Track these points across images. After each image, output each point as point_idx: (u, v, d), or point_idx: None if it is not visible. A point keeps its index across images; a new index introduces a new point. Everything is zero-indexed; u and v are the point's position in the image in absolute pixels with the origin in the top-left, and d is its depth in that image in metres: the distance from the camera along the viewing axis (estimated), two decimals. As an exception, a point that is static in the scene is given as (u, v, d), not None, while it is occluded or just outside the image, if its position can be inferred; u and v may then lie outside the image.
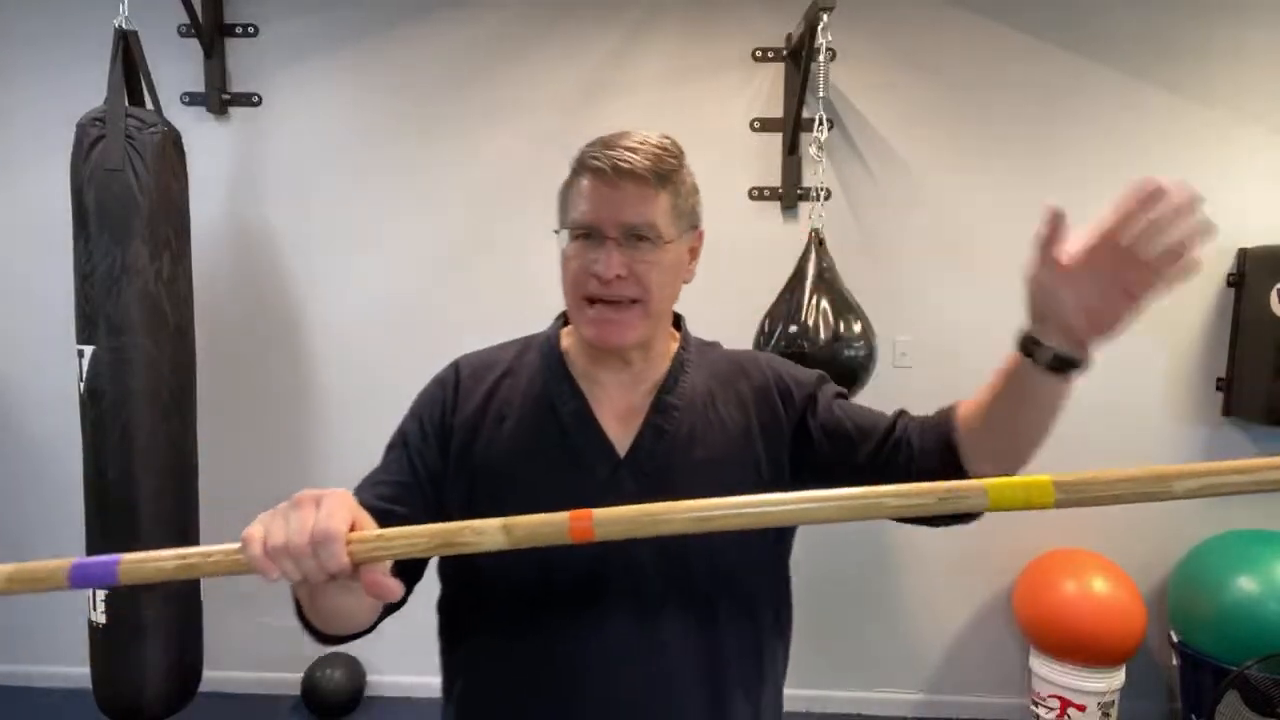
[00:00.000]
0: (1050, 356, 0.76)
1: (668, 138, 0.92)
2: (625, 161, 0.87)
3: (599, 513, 0.68)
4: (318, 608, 0.78)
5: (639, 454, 0.92)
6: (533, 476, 0.91)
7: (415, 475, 0.92)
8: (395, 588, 0.70)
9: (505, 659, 0.91)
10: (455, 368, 0.99)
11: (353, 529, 0.68)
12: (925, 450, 0.88)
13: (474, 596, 0.94)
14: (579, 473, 0.91)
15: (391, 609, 0.86)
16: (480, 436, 0.93)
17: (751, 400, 0.96)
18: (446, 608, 1.00)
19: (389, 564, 0.71)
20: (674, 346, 0.99)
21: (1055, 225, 0.74)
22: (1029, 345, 0.77)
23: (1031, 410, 0.80)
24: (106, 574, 0.70)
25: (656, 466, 0.91)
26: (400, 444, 0.95)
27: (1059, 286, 0.73)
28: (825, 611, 2.77)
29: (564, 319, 1.00)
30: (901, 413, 0.94)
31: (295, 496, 0.69)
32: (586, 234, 0.89)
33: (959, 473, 0.83)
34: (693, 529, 0.69)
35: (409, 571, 0.85)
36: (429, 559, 0.83)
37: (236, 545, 0.68)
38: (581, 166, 0.91)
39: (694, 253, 0.98)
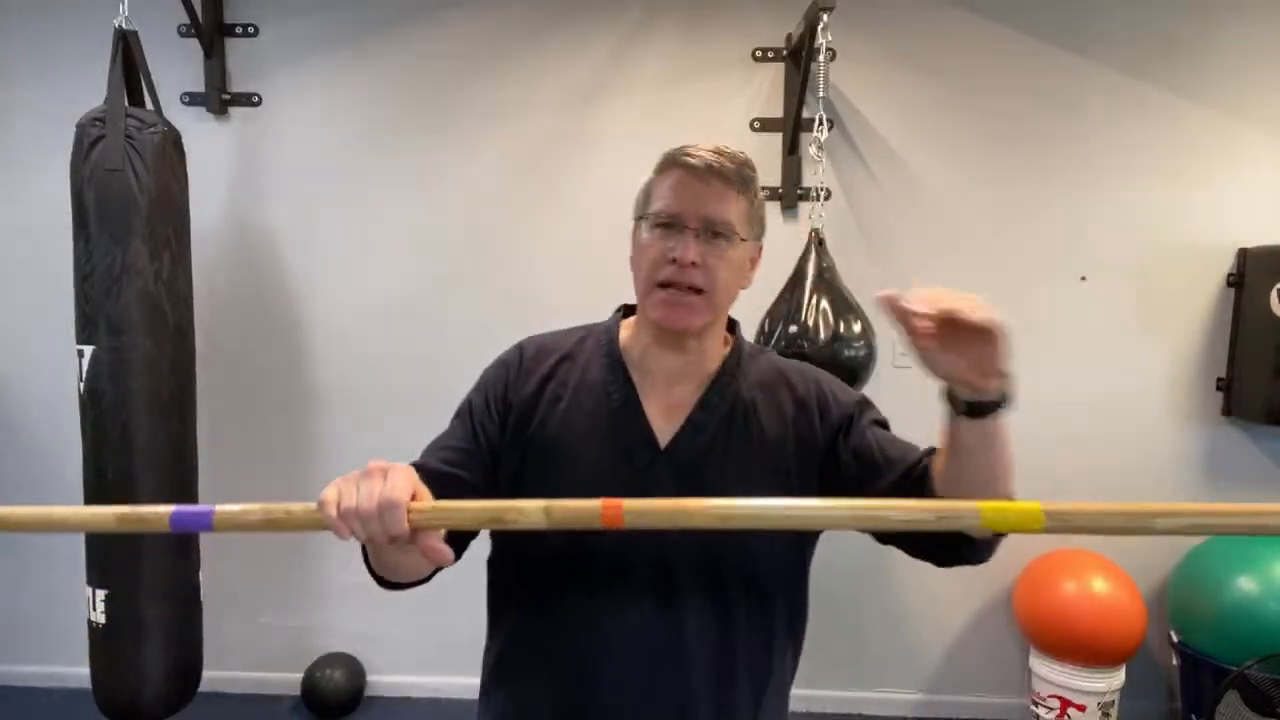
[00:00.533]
0: (965, 405, 0.81)
1: (746, 155, 1.01)
2: (716, 162, 0.95)
3: (629, 503, 0.75)
4: (382, 560, 0.87)
5: (678, 447, 0.97)
6: (579, 457, 0.97)
7: (477, 443, 0.99)
8: (448, 553, 0.78)
9: (538, 620, 0.99)
10: (519, 349, 1.06)
11: (413, 499, 0.76)
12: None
13: (517, 560, 1.01)
14: (621, 458, 0.97)
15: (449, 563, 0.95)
16: (536, 414, 1.00)
17: (791, 412, 1.01)
18: (495, 565, 1.06)
19: (443, 530, 0.79)
20: (726, 350, 1.05)
21: (893, 308, 0.77)
22: (947, 400, 0.82)
23: (979, 454, 0.83)
24: (202, 522, 0.79)
25: (693, 462, 0.97)
26: (466, 414, 1.02)
27: (936, 352, 0.78)
28: (825, 611, 2.75)
29: (622, 312, 1.08)
30: (932, 450, 0.95)
31: (367, 466, 0.77)
32: (668, 223, 0.95)
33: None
34: (714, 525, 0.76)
35: (461, 536, 0.91)
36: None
37: (314, 504, 0.76)
38: (672, 163, 0.98)
39: (754, 262, 1.04)
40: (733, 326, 1.08)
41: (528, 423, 0.99)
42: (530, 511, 0.76)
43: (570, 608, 0.96)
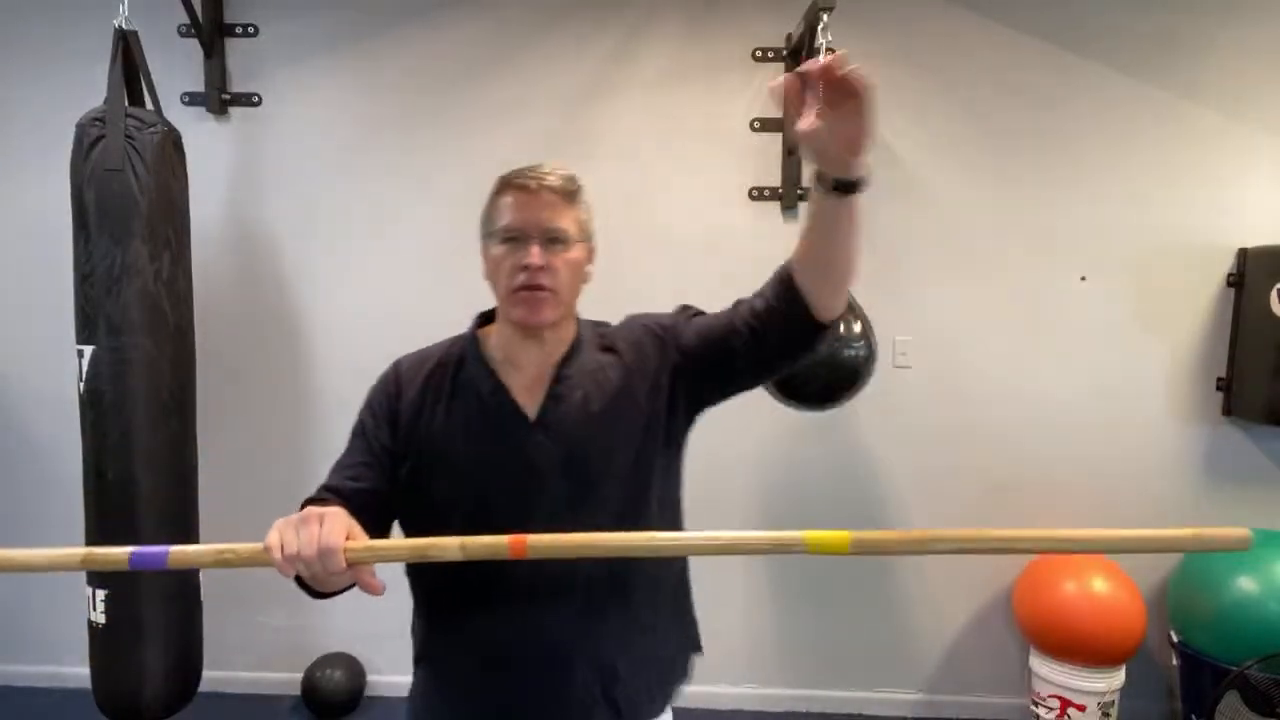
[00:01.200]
0: (832, 182, 0.96)
1: (570, 171, 1.15)
2: (545, 180, 1.11)
3: (532, 538, 0.92)
4: (320, 583, 1.00)
5: (545, 417, 1.13)
6: (463, 446, 1.12)
7: (373, 454, 1.15)
8: (380, 587, 0.95)
9: (453, 606, 1.17)
10: (395, 365, 1.22)
11: (349, 539, 0.92)
12: (771, 305, 1.09)
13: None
14: (499, 438, 1.12)
15: None
16: (422, 416, 1.15)
17: (628, 354, 1.17)
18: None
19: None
20: (573, 333, 1.20)
21: (789, 88, 0.93)
22: (816, 180, 0.98)
23: (837, 231, 1.02)
24: (158, 562, 0.94)
25: (560, 425, 1.12)
26: (360, 432, 1.18)
27: (816, 130, 0.91)
28: (825, 611, 2.77)
29: (479, 321, 1.24)
30: (739, 300, 1.15)
31: (302, 514, 0.93)
32: (514, 237, 1.10)
33: (801, 304, 1.07)
34: (607, 553, 0.95)
35: (385, 519, 1.15)
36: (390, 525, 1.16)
37: (261, 546, 0.92)
38: (505, 186, 1.13)
39: (590, 258, 1.19)
40: (583, 325, 1.24)
41: (416, 424, 1.14)
42: (448, 548, 0.93)
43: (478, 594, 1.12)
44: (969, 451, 2.71)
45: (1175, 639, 2.49)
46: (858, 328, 2.22)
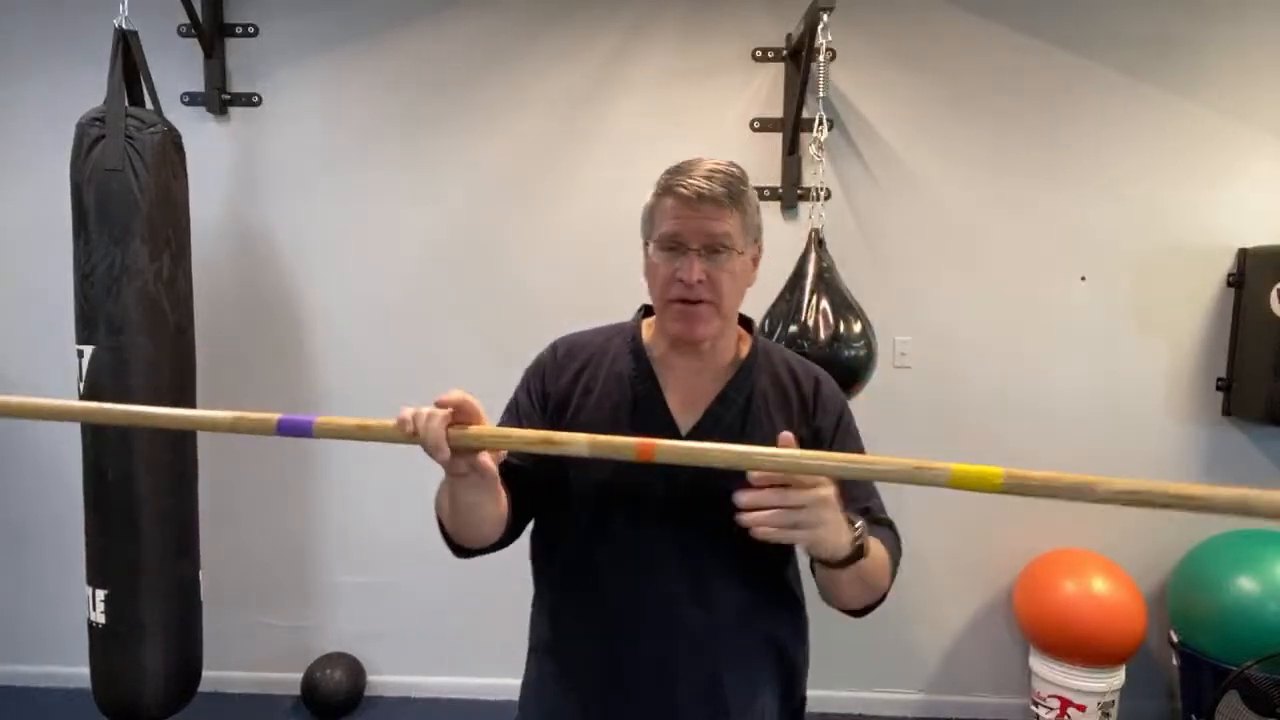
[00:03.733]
0: (820, 564, 0.96)
1: (735, 165, 1.09)
2: (705, 188, 1.03)
3: (660, 443, 0.90)
4: (456, 510, 1.00)
5: (697, 435, 1.07)
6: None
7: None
8: (492, 465, 0.94)
9: (574, 605, 1.14)
10: (553, 347, 1.19)
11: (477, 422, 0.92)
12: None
13: (554, 550, 1.15)
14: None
15: (510, 538, 1.11)
16: (571, 403, 1.12)
17: (796, 406, 1.13)
18: (536, 556, 1.19)
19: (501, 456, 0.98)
20: (745, 348, 1.16)
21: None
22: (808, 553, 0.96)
23: (840, 587, 1.01)
24: (304, 429, 0.96)
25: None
26: (514, 409, 1.16)
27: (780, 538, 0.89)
28: (825, 611, 2.76)
29: (644, 311, 1.19)
30: (867, 514, 1.08)
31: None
32: (672, 246, 1.05)
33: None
34: (729, 465, 0.89)
35: (518, 516, 1.09)
36: (531, 507, 1.11)
37: (395, 421, 0.92)
38: (666, 190, 1.07)
39: (755, 261, 1.14)
40: (749, 324, 1.19)
41: (564, 410, 1.12)
42: (574, 442, 0.91)
43: (600, 594, 1.10)
44: (969, 451, 2.69)
45: (1175, 639, 2.49)
46: (858, 328, 2.22)
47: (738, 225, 1.06)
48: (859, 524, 0.95)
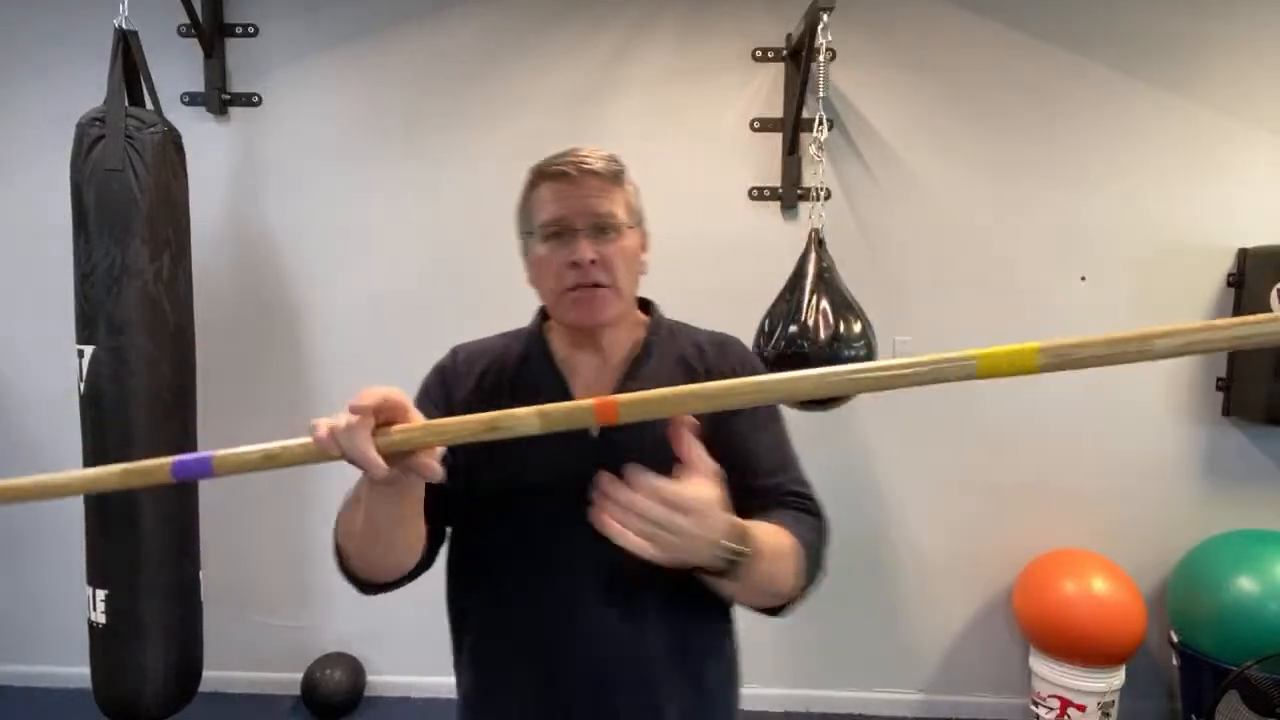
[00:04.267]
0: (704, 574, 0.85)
1: (608, 151, 1.05)
2: (585, 163, 0.99)
3: (622, 398, 0.78)
4: (374, 527, 0.91)
5: (607, 429, 0.93)
6: (519, 449, 0.94)
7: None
8: (436, 470, 0.82)
9: (500, 627, 1.04)
10: (453, 353, 1.12)
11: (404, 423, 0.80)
12: None
13: (474, 567, 1.06)
14: (557, 445, 0.93)
15: (424, 566, 1.02)
16: (478, 410, 0.99)
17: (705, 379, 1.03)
18: (452, 576, 1.10)
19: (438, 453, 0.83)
20: (641, 333, 1.08)
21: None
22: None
23: (726, 590, 0.90)
24: (203, 468, 0.83)
25: (622, 440, 0.92)
26: None
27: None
28: (825, 611, 2.76)
29: (544, 314, 1.12)
30: (786, 495, 1.01)
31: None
32: (557, 233, 1.00)
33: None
34: (704, 408, 0.78)
35: (432, 538, 1.00)
36: (443, 527, 1.03)
37: (309, 439, 0.81)
38: (542, 175, 1.02)
39: (644, 247, 1.07)
40: (647, 306, 1.12)
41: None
42: (523, 420, 0.79)
43: (526, 614, 1.00)
44: (969, 451, 2.71)
45: (1175, 639, 2.49)
46: (858, 328, 2.22)
47: (622, 204, 1.01)
48: (741, 534, 0.83)
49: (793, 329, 2.19)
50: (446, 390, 1.07)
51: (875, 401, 2.55)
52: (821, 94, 2.33)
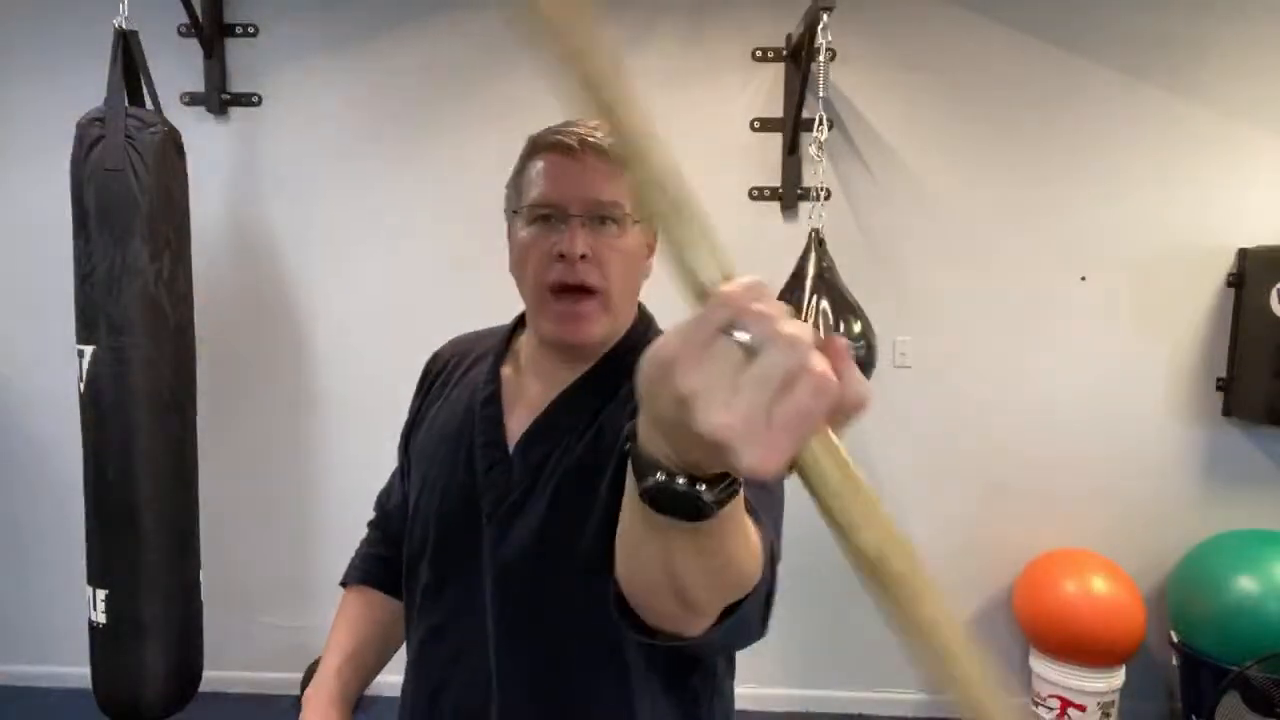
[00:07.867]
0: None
1: None
2: (590, 136, 0.80)
3: None
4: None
5: (526, 450, 0.83)
6: (435, 459, 0.89)
7: (402, 460, 1.00)
8: None
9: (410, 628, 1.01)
10: (434, 355, 1.02)
11: None
12: None
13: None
14: (467, 462, 0.86)
15: None
16: (424, 415, 0.96)
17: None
18: None
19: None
20: (609, 347, 0.87)
21: None
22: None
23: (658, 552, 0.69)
24: None
25: (533, 468, 0.82)
26: (404, 432, 1.00)
27: None
28: (825, 611, 2.77)
29: (522, 319, 0.98)
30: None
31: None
32: (547, 215, 0.82)
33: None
34: None
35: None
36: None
37: None
38: (539, 146, 0.85)
39: (650, 249, 0.87)
40: (648, 321, 0.91)
41: (415, 427, 0.96)
42: None
43: (417, 622, 0.97)
44: (969, 451, 2.71)
45: (1175, 639, 2.49)
46: (858, 328, 2.23)
47: (628, 193, 0.79)
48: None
49: (793, 329, 2.19)
50: (416, 396, 1.00)
51: (875, 401, 2.54)
52: (821, 94, 2.33)
